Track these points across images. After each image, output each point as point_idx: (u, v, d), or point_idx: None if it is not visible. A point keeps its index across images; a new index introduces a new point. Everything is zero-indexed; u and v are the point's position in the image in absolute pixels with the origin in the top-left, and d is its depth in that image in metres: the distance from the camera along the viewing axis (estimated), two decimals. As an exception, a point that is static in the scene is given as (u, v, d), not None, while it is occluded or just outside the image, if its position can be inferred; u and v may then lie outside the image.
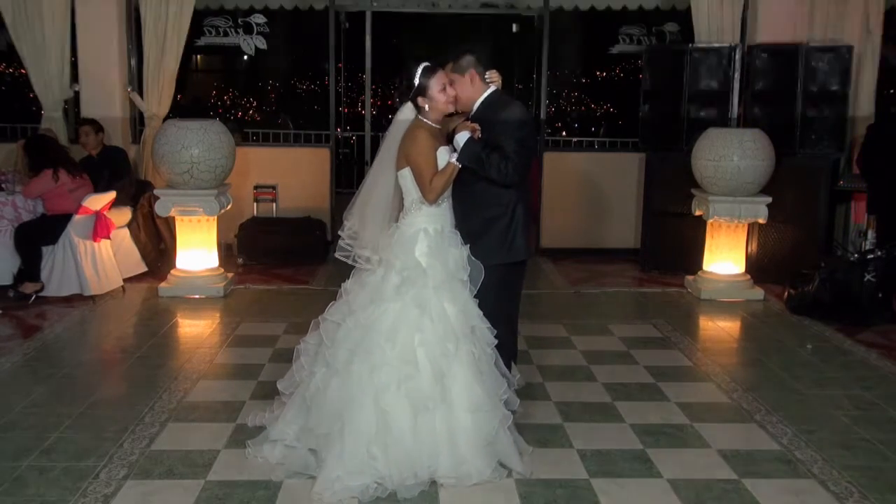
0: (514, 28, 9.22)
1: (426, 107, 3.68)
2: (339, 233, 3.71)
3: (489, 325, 3.61)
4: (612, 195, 8.37)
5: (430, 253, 3.57)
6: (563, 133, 13.22)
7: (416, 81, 3.66)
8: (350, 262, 3.69)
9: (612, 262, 8.02)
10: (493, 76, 3.81)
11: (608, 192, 8.38)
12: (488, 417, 3.46)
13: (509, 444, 3.54)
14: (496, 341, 3.63)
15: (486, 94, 3.80)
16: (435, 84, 3.65)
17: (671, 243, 7.51)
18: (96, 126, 7.27)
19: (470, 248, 3.68)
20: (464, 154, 3.63)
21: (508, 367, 3.82)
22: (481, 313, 3.62)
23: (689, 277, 7.04)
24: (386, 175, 3.68)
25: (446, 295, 3.54)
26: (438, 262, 3.56)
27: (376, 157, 3.76)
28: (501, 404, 3.55)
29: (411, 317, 3.48)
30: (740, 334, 5.93)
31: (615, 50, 8.86)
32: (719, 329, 6.01)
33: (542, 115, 8.49)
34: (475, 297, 3.65)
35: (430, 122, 3.70)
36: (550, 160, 8.44)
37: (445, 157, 3.66)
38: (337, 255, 3.71)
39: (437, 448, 3.41)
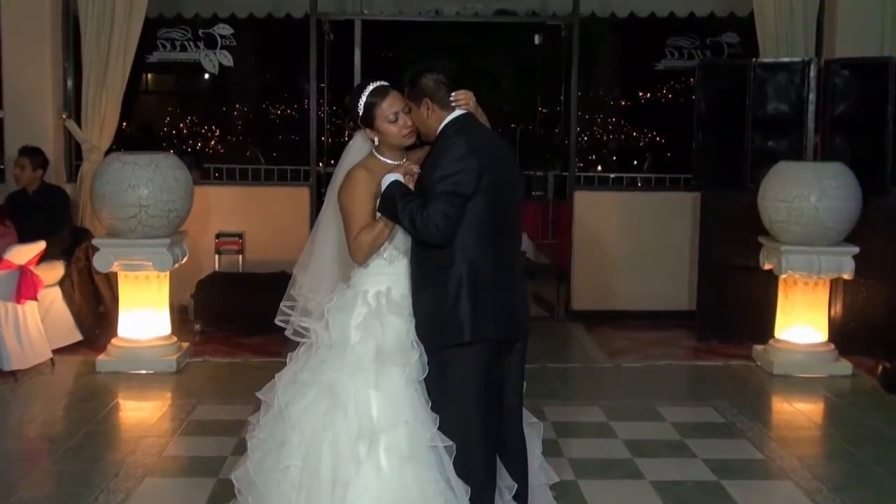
0: (537, 39, 9.32)
1: (375, 140, 3.63)
2: (291, 293, 3.70)
3: (427, 422, 3.41)
4: (660, 244, 8.38)
5: (365, 324, 3.50)
6: (599, 167, 13.29)
7: (360, 108, 3.59)
8: (290, 334, 3.68)
9: (660, 329, 8.00)
10: (458, 97, 3.59)
11: (655, 241, 8.38)
12: None
13: None
14: (450, 443, 3.41)
15: (446, 122, 3.59)
16: (383, 112, 3.56)
17: (734, 304, 7.48)
18: (37, 160, 7.29)
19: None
20: (381, 201, 3.50)
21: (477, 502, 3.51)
22: (422, 406, 3.44)
23: (758, 347, 7.01)
24: (329, 222, 3.69)
25: (371, 380, 3.43)
26: (372, 338, 3.47)
27: (325, 199, 3.76)
28: None
29: (322, 407, 3.44)
30: (824, 419, 5.89)
31: (661, 66, 8.96)
32: (797, 412, 5.96)
33: (573, 146, 8.55)
34: (432, 394, 3.48)
35: (383, 159, 3.63)
36: (583, 201, 8.47)
37: None
38: (278, 319, 3.71)
39: None
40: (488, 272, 3.49)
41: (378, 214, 3.52)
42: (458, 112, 3.60)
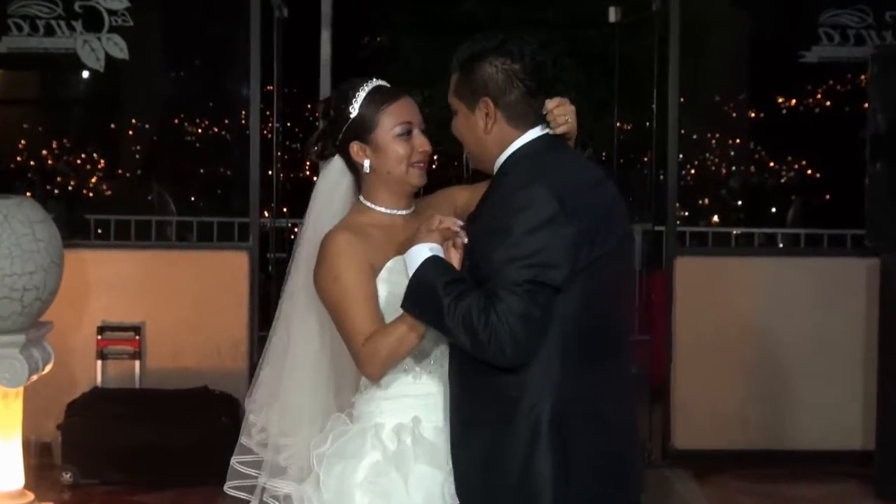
0: (613, 15, 9.38)
1: (365, 165, 3.56)
2: (243, 439, 3.74)
3: None
4: (815, 341, 8.37)
5: (376, 480, 3.49)
6: (714, 218, 13.31)
7: (353, 111, 3.58)
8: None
9: (816, 479, 7.99)
10: (552, 109, 3.46)
11: (806, 336, 8.38)
12: None
13: None
14: None
15: (517, 146, 3.47)
16: (389, 119, 3.55)
17: (937, 439, 7.44)
18: None
19: None
20: (409, 290, 3.35)
21: None
22: None
23: (978, 511, 6.96)
24: (307, 315, 3.68)
25: None
26: (382, 502, 3.47)
27: (287, 281, 3.75)
28: None
29: None
30: None
31: (813, 56, 9.00)
32: None
33: (672, 184, 8.54)
34: None
35: (376, 207, 3.62)
36: (688, 272, 8.51)
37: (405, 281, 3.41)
38: (229, 486, 3.75)
39: None
40: (582, 407, 3.39)
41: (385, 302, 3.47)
42: (538, 131, 3.47)
